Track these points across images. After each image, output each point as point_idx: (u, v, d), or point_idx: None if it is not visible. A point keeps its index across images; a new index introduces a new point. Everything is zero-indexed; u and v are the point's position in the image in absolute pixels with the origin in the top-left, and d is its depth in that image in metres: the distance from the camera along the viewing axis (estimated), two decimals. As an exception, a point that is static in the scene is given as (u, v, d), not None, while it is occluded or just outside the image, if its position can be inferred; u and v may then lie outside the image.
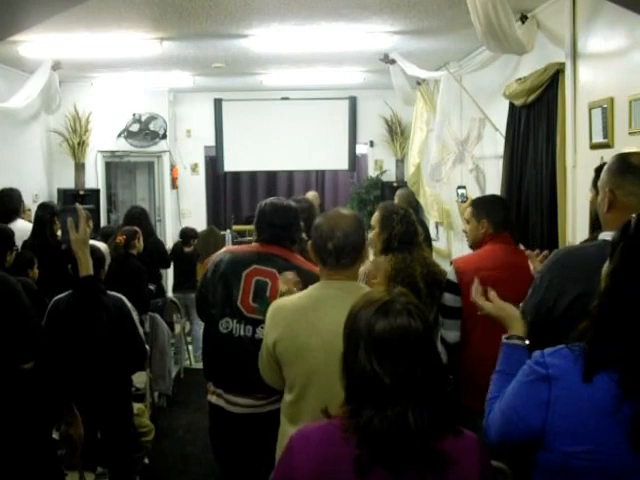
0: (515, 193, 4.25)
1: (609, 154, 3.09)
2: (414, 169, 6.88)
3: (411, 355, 1.33)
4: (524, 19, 4.07)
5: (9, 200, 4.79)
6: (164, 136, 7.78)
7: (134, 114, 7.69)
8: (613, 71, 3.30)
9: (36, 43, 4.92)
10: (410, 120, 7.17)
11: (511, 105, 4.42)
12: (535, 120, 4.03)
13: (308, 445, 1.36)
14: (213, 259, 2.71)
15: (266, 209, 2.69)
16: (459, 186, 3.93)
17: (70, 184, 7.43)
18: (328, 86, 7.61)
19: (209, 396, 2.69)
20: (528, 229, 4.06)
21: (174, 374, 5.59)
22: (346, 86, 7.65)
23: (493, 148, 5.01)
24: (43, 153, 7.23)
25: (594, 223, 2.43)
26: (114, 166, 8.21)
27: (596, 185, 2.16)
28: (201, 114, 8.10)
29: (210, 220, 8.49)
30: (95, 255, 2.68)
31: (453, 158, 5.64)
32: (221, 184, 10.05)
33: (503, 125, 4.56)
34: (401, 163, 8.11)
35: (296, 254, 2.67)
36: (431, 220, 6.77)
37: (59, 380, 2.36)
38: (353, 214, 2.13)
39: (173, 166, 8.07)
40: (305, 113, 7.96)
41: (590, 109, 3.41)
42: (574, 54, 3.62)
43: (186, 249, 6.25)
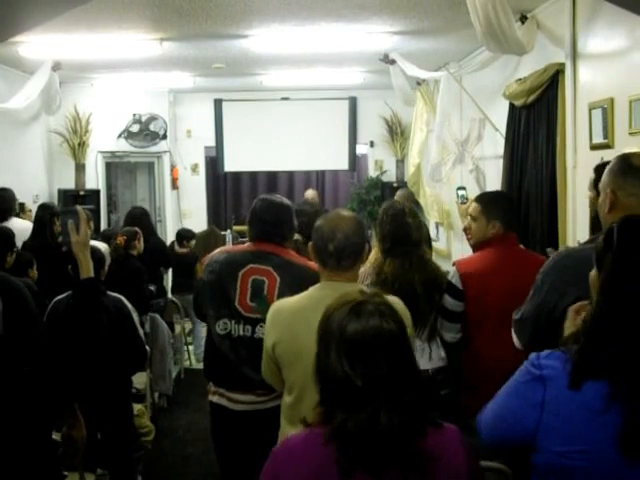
0: (515, 193, 4.25)
1: (609, 154, 3.10)
2: (414, 169, 6.88)
3: (383, 357, 1.32)
4: (524, 19, 4.07)
5: (2, 200, 4.81)
6: (164, 136, 7.79)
7: (134, 114, 7.70)
8: (613, 71, 3.30)
9: (36, 44, 4.92)
10: (410, 120, 7.17)
11: (511, 105, 4.42)
12: (535, 120, 4.03)
13: (291, 460, 1.34)
14: (207, 261, 2.70)
15: (257, 205, 2.68)
16: (459, 187, 3.92)
17: (70, 184, 7.44)
18: (328, 86, 7.61)
19: (210, 396, 2.69)
20: (528, 229, 4.06)
21: (174, 374, 5.59)
22: (346, 86, 7.65)
23: (493, 148, 5.01)
24: (43, 154, 7.23)
25: (594, 224, 2.43)
26: (114, 166, 8.21)
27: (596, 185, 2.16)
28: (201, 114, 8.11)
29: (210, 220, 8.49)
30: (95, 256, 2.68)
31: (453, 158, 5.64)
32: (221, 184, 10.05)
33: (503, 125, 4.56)
34: (401, 163, 8.11)
35: (289, 250, 2.66)
36: (431, 220, 6.77)
37: (59, 381, 2.36)
38: (354, 216, 2.13)
39: (173, 166, 8.08)
40: (305, 113, 7.97)
41: (590, 109, 3.41)
42: (574, 54, 3.62)
43: (179, 250, 6.24)
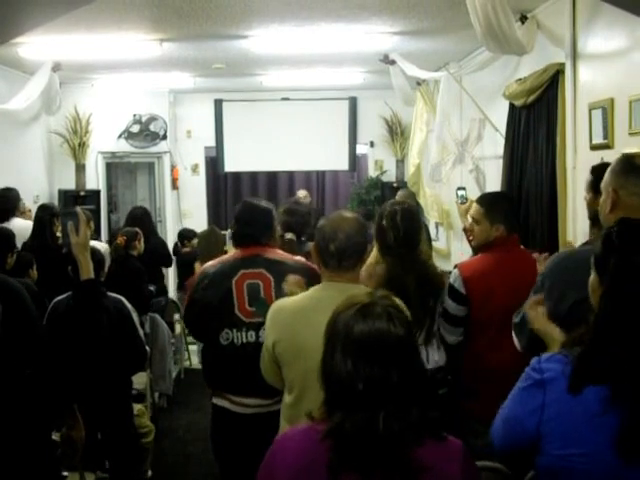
0: (515, 193, 4.24)
1: (609, 155, 3.11)
2: (414, 169, 6.89)
3: (388, 360, 1.30)
4: (524, 19, 4.07)
5: (5, 200, 4.84)
6: (164, 137, 7.79)
7: (134, 115, 7.70)
8: (613, 72, 3.30)
9: (36, 44, 4.92)
10: (410, 120, 7.17)
11: (511, 106, 4.42)
12: (535, 121, 4.03)
13: (289, 449, 1.35)
14: (198, 277, 2.70)
15: (236, 210, 2.77)
16: (459, 187, 3.91)
17: (71, 185, 7.44)
18: (328, 87, 7.61)
19: (214, 399, 2.69)
20: (528, 230, 4.06)
21: (174, 374, 5.60)
22: (346, 87, 7.66)
23: (493, 148, 5.01)
24: (44, 154, 7.23)
25: (592, 225, 2.42)
26: (115, 167, 8.22)
27: (593, 187, 2.16)
28: (201, 115, 8.11)
29: (211, 220, 8.49)
30: (95, 257, 2.68)
31: (453, 158, 5.64)
32: (222, 184, 10.05)
33: (503, 126, 4.56)
34: (401, 163, 8.11)
35: (275, 249, 2.69)
36: (431, 220, 6.78)
37: (59, 382, 2.36)
38: (356, 217, 2.13)
39: (173, 167, 8.08)
40: (305, 114, 7.97)
41: (590, 110, 3.41)
42: (574, 54, 3.62)
43: (184, 249, 6.31)
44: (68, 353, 2.86)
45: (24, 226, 4.50)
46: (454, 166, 5.66)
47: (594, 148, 3.39)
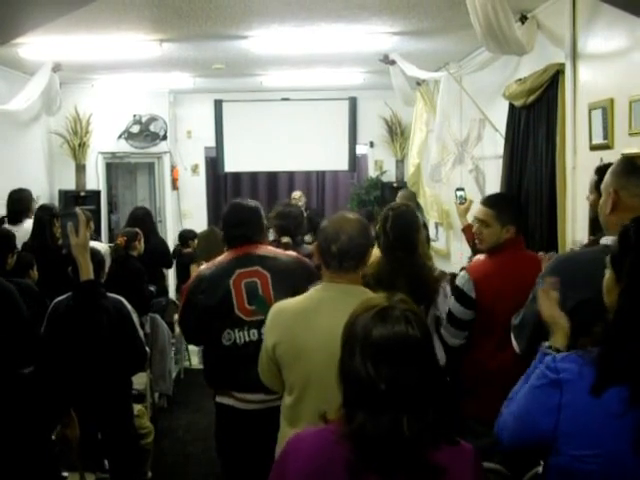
0: (515, 194, 4.24)
1: (609, 155, 3.10)
2: (414, 169, 6.89)
3: (407, 363, 1.32)
4: (524, 19, 4.06)
5: (18, 201, 4.88)
6: (164, 137, 7.79)
7: (134, 115, 7.70)
8: (613, 72, 3.29)
9: (36, 45, 4.92)
10: (410, 120, 7.17)
11: (511, 106, 4.42)
12: (535, 121, 4.03)
13: (302, 450, 1.36)
14: (194, 282, 2.71)
15: (224, 212, 2.80)
16: (457, 188, 3.92)
17: (71, 185, 7.44)
18: (328, 87, 7.61)
19: (217, 397, 2.69)
20: (528, 230, 4.05)
21: (174, 375, 5.60)
22: (346, 87, 7.65)
23: (493, 149, 5.01)
24: (44, 154, 7.23)
25: (594, 226, 2.41)
26: (115, 167, 8.22)
27: (597, 187, 2.14)
28: (201, 115, 8.11)
29: (211, 221, 8.48)
30: (95, 258, 2.69)
31: (453, 159, 5.64)
32: (222, 185, 10.05)
33: (503, 126, 4.55)
34: (401, 163, 8.11)
35: (266, 246, 2.73)
36: (431, 220, 6.78)
37: (59, 382, 2.36)
38: (358, 218, 2.12)
39: (173, 167, 8.08)
40: (305, 114, 7.96)
41: (590, 110, 3.40)
42: (574, 55, 3.61)
43: (185, 250, 6.31)
44: (68, 353, 2.86)
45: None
46: (454, 166, 5.66)
47: (594, 148, 3.38)
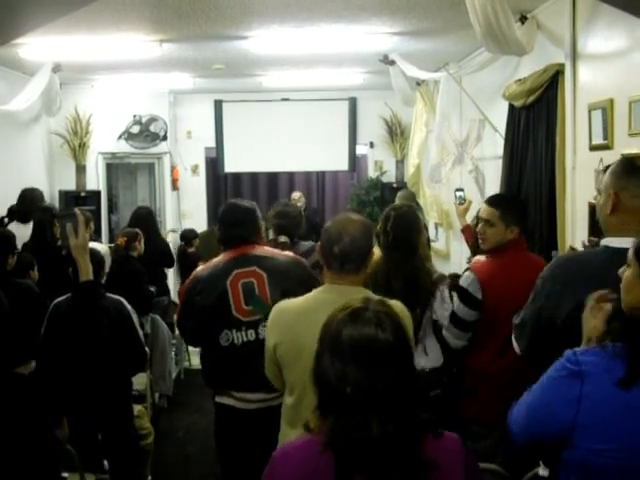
0: (514, 194, 4.25)
1: (609, 155, 3.10)
2: (414, 170, 6.89)
3: (375, 366, 1.30)
4: (524, 20, 4.06)
5: (31, 200, 4.89)
6: (164, 137, 7.79)
7: (134, 116, 7.70)
8: (613, 72, 3.29)
9: (36, 45, 4.92)
10: (410, 121, 7.17)
11: (511, 106, 4.42)
12: (535, 121, 4.03)
13: (288, 465, 1.34)
14: (191, 283, 2.72)
15: (221, 213, 2.82)
16: (457, 188, 3.92)
17: (71, 186, 7.44)
18: (328, 87, 7.61)
19: (217, 398, 2.69)
20: (527, 230, 4.06)
21: (174, 375, 5.60)
22: (346, 87, 7.65)
23: (492, 149, 5.01)
24: (44, 155, 7.24)
25: (595, 227, 2.40)
26: (115, 168, 8.21)
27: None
28: (201, 115, 8.11)
29: (211, 221, 8.49)
30: (95, 259, 2.69)
31: (452, 159, 5.64)
32: (222, 185, 10.05)
33: (502, 126, 4.55)
34: (401, 164, 8.11)
35: (263, 246, 2.73)
36: (430, 221, 6.78)
37: (59, 383, 2.36)
38: (362, 220, 2.12)
39: (174, 167, 8.08)
40: (305, 114, 7.97)
41: (590, 110, 3.40)
42: (574, 55, 3.61)
43: (189, 249, 6.32)
44: (68, 354, 2.86)
45: None
46: (454, 167, 5.66)
47: (594, 149, 3.38)
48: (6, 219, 4.84)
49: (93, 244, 3.29)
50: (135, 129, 7.72)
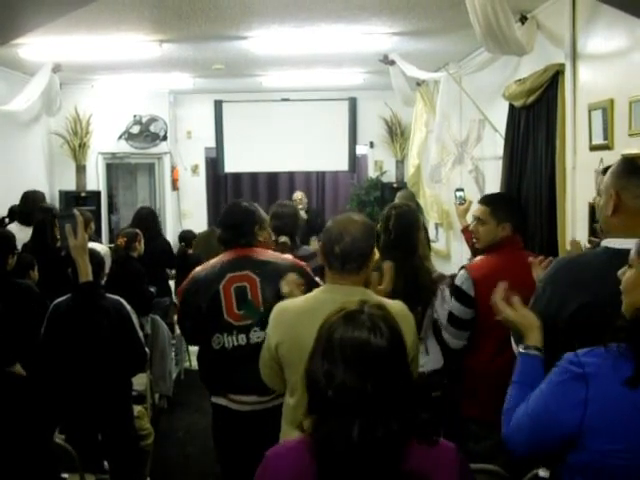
0: (514, 194, 4.24)
1: (609, 156, 3.10)
2: (414, 170, 6.88)
3: (365, 370, 1.27)
4: (524, 20, 4.06)
5: (33, 201, 4.88)
6: (164, 138, 7.80)
7: (134, 116, 7.70)
8: (613, 72, 3.29)
9: (36, 46, 4.92)
10: (410, 121, 7.17)
11: (511, 106, 4.42)
12: (535, 121, 4.03)
13: (280, 467, 1.34)
14: (188, 283, 2.72)
15: (222, 213, 2.81)
16: (457, 188, 3.91)
17: (71, 186, 7.44)
18: (328, 87, 7.61)
19: (213, 398, 2.70)
20: (527, 231, 4.05)
21: (174, 375, 5.59)
22: (346, 87, 7.66)
23: (493, 149, 5.01)
24: (44, 155, 7.24)
25: (595, 228, 2.40)
26: (115, 168, 8.22)
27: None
28: (201, 115, 8.12)
29: (211, 221, 8.49)
30: (94, 260, 2.69)
31: (452, 159, 5.64)
32: (222, 185, 10.05)
33: (503, 126, 4.55)
34: (401, 164, 8.11)
35: (261, 249, 2.69)
36: (431, 221, 6.78)
37: (58, 384, 2.36)
38: (364, 220, 2.11)
39: (174, 167, 8.09)
40: (305, 114, 7.97)
41: (590, 110, 3.40)
42: (574, 55, 3.61)
43: (190, 251, 6.32)
44: (68, 355, 2.86)
45: None
46: (454, 167, 5.66)
47: (594, 149, 3.38)
48: (7, 219, 4.84)
49: (93, 244, 3.29)
50: (135, 129, 7.73)
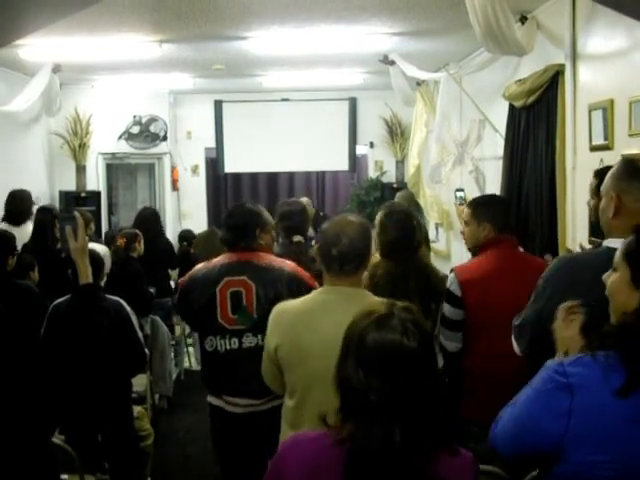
0: (515, 195, 4.24)
1: (609, 156, 3.10)
2: (414, 170, 6.88)
3: (400, 374, 1.28)
4: (524, 20, 4.06)
5: (21, 200, 4.84)
6: (164, 138, 7.80)
7: (134, 116, 7.70)
8: (613, 72, 3.29)
9: (36, 46, 4.92)
10: (410, 121, 7.16)
11: (511, 106, 4.42)
12: (535, 121, 4.03)
13: (298, 454, 1.34)
14: (187, 281, 2.72)
15: (226, 214, 2.79)
16: (457, 189, 3.91)
17: (71, 186, 7.45)
18: (328, 87, 7.61)
19: (209, 398, 2.71)
20: (528, 231, 4.06)
21: (174, 376, 5.59)
22: (346, 87, 7.66)
23: (493, 149, 5.01)
24: (44, 155, 7.24)
25: (594, 230, 2.39)
26: (115, 168, 8.22)
27: (598, 191, 2.12)
28: (201, 115, 8.12)
29: (211, 221, 8.49)
30: (94, 261, 2.69)
31: (453, 159, 5.64)
32: (222, 185, 10.06)
33: (503, 126, 4.55)
34: (401, 164, 8.11)
35: (262, 254, 2.65)
36: (431, 221, 6.78)
37: (58, 384, 2.36)
38: (360, 221, 2.11)
39: (174, 168, 8.09)
40: (305, 114, 7.97)
41: (590, 111, 3.40)
42: (574, 55, 3.61)
43: (192, 250, 6.32)
44: (68, 355, 2.86)
45: None
46: (454, 167, 5.65)
47: (594, 149, 3.38)
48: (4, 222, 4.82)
49: (93, 245, 3.29)
50: (135, 129, 7.73)
